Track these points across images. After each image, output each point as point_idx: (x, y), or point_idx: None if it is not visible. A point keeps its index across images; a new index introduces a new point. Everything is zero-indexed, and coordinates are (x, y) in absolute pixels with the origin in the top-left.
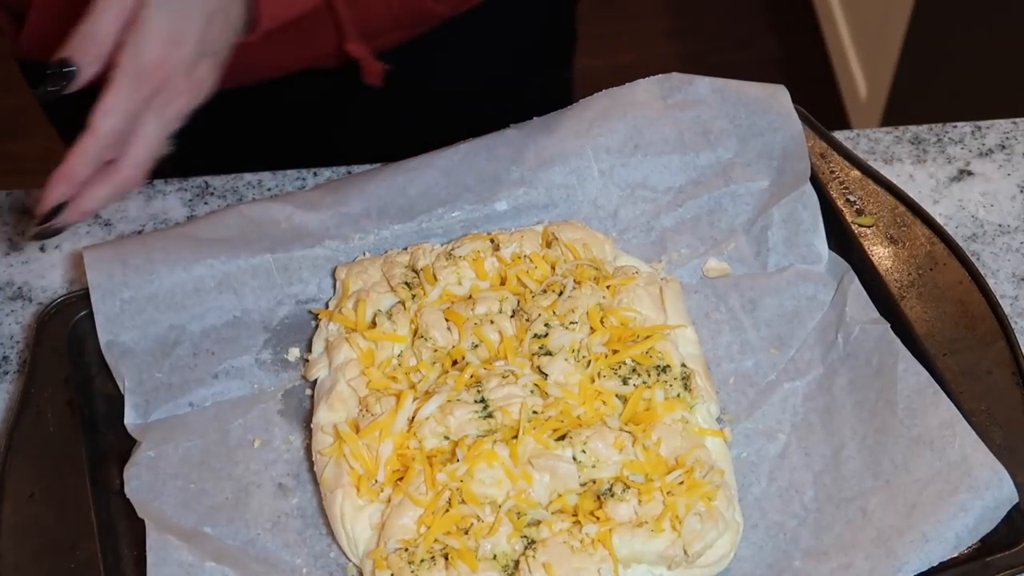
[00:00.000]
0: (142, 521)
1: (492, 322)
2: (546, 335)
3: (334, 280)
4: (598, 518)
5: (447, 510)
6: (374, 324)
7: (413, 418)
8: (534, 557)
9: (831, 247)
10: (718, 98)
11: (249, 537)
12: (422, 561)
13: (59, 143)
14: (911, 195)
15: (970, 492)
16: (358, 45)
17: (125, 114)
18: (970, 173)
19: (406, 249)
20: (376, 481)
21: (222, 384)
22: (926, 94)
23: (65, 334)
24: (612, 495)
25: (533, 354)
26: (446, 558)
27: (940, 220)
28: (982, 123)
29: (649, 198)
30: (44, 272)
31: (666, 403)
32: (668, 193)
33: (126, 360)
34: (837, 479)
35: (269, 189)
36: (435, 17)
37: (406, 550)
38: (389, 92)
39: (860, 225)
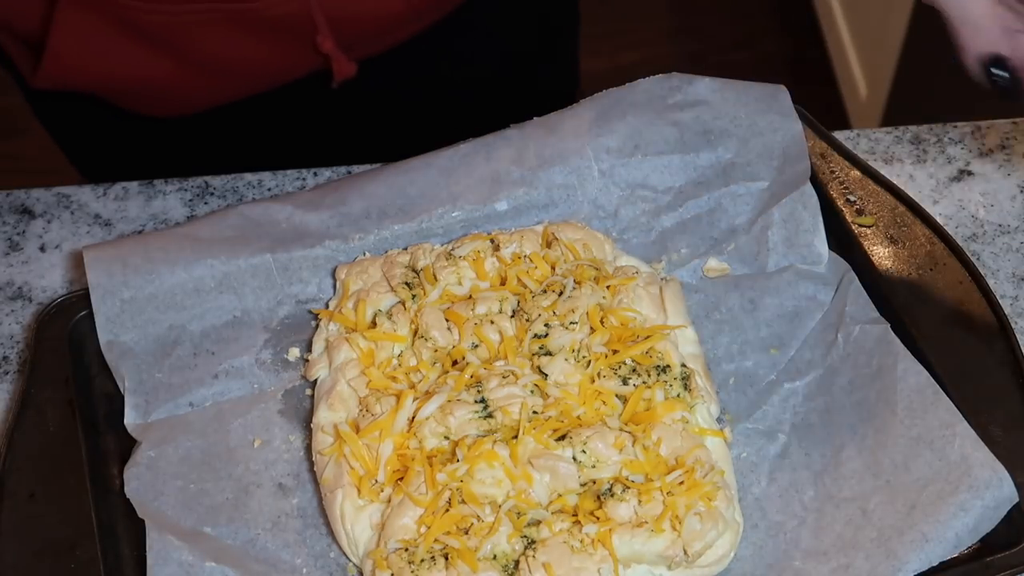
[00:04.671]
0: (142, 521)
1: (492, 322)
2: (546, 335)
3: (334, 280)
4: (598, 518)
5: (447, 510)
6: (374, 324)
7: (413, 418)
8: (534, 557)
9: (831, 247)
10: (718, 98)
11: (249, 537)
12: (422, 561)
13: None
14: (911, 195)
15: (970, 492)
16: (328, 40)
17: None
18: (970, 173)
19: (406, 249)
20: (376, 481)
21: (222, 384)
22: (926, 94)
23: (65, 334)
24: (612, 495)
25: (533, 354)
26: (446, 558)
27: (940, 220)
28: (982, 123)
29: (649, 198)
30: (44, 272)
31: (666, 403)
32: (668, 193)
33: (126, 360)
34: (837, 479)
35: (269, 189)
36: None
37: (406, 550)
38: (395, 91)
39: (860, 225)
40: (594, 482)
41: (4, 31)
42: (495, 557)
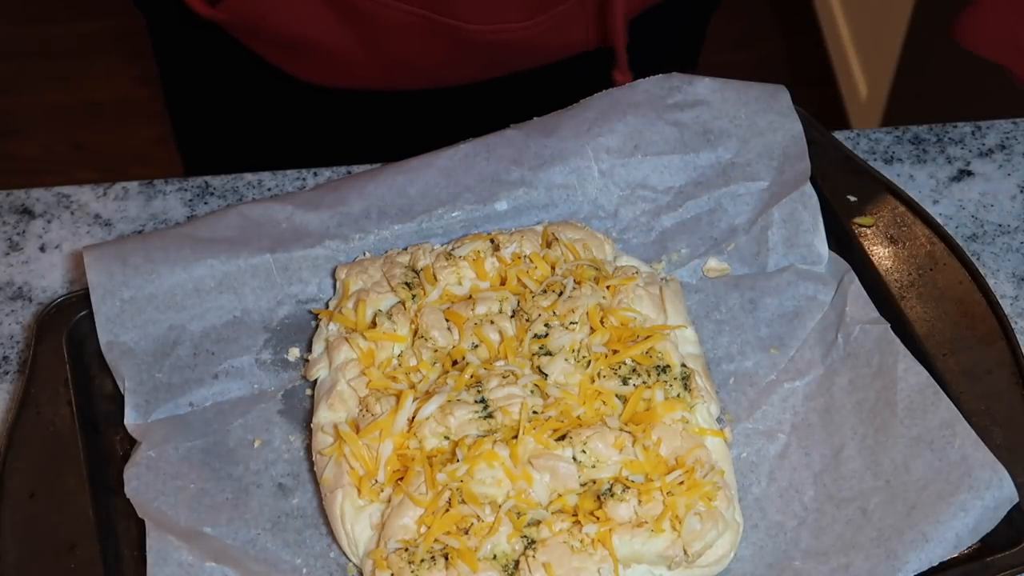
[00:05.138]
0: (142, 521)
1: (492, 322)
2: (546, 335)
3: (334, 280)
4: (598, 518)
5: (447, 510)
6: (374, 324)
7: (413, 418)
8: (534, 557)
9: (831, 247)
10: (718, 98)
11: (249, 537)
12: (422, 561)
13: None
14: (911, 195)
15: (970, 492)
16: (626, 75)
17: None
18: (970, 173)
19: (406, 249)
20: (376, 481)
21: (222, 384)
22: (926, 94)
23: (65, 334)
24: (612, 495)
25: (533, 354)
26: (446, 558)
27: (940, 220)
28: (982, 123)
29: (649, 198)
30: (44, 272)
31: (666, 403)
32: (668, 193)
33: (126, 360)
34: (837, 479)
35: (269, 189)
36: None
37: (406, 550)
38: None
39: (860, 225)
40: (594, 482)
41: None
42: (495, 557)
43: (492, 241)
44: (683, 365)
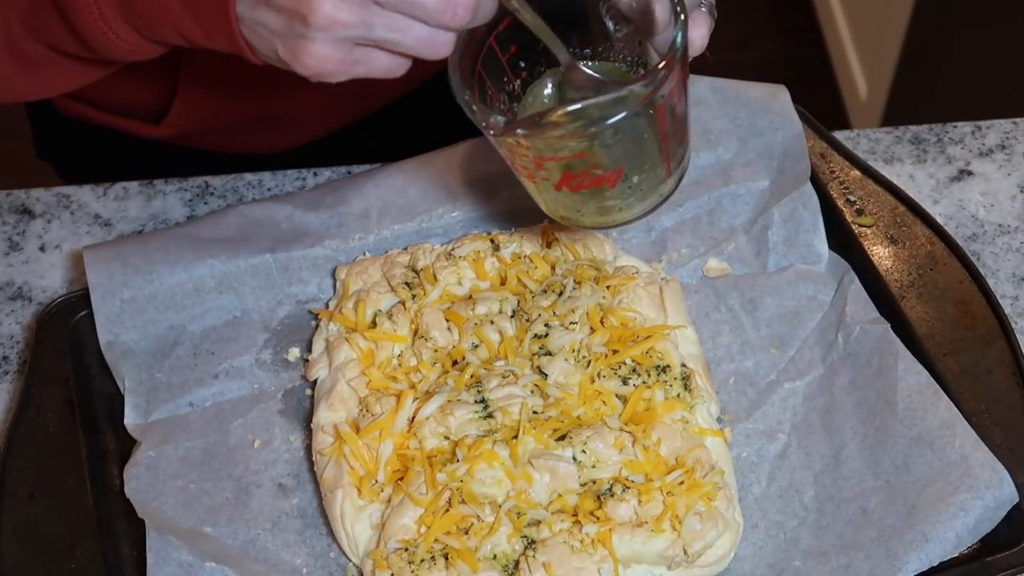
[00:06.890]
0: (142, 521)
1: (492, 322)
2: (546, 335)
3: (334, 280)
4: (598, 518)
5: (447, 510)
6: (374, 324)
7: (413, 418)
8: (534, 557)
9: (831, 247)
10: (718, 98)
11: (249, 537)
12: (422, 561)
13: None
14: (911, 195)
15: (970, 492)
16: None
17: None
18: (970, 173)
19: (406, 249)
20: (376, 481)
21: (222, 384)
22: (926, 94)
23: (65, 334)
24: (612, 495)
25: (533, 354)
26: (446, 558)
27: (940, 220)
28: (982, 123)
29: None
30: (44, 272)
31: (666, 403)
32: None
33: (126, 360)
34: (837, 479)
35: (269, 189)
36: None
37: (406, 550)
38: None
39: (860, 225)
40: (594, 482)
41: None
42: (495, 557)
43: (492, 241)
44: (683, 365)
